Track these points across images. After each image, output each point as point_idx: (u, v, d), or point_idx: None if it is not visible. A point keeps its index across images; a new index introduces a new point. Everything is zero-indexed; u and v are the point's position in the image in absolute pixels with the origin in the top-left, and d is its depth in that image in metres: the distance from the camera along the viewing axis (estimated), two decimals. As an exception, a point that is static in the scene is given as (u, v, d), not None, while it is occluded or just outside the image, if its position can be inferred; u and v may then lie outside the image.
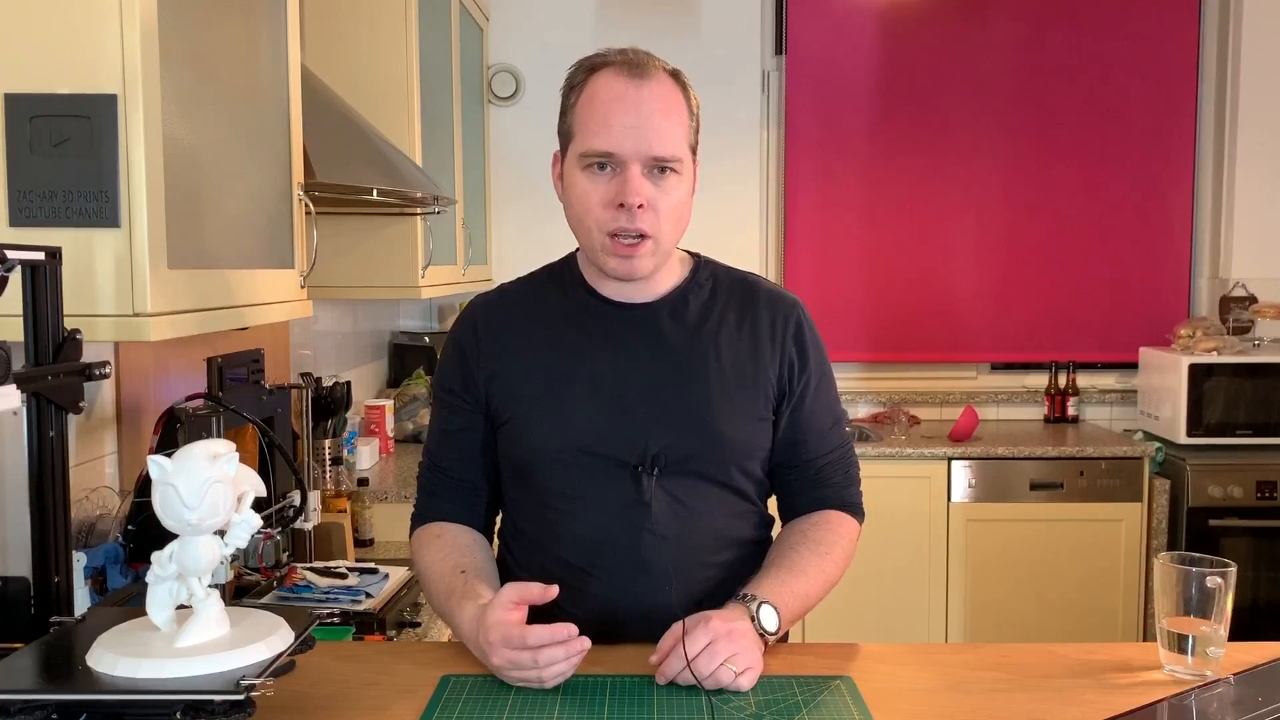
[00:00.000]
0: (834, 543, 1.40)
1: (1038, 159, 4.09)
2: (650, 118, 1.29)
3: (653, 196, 1.30)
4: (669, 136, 1.30)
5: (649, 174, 1.30)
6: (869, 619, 3.56)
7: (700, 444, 1.36)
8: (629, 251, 1.31)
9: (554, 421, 1.36)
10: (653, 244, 1.32)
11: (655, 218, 1.31)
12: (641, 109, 1.29)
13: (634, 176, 1.29)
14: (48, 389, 1.19)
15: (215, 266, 1.45)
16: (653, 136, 1.28)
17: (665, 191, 1.31)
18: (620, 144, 1.28)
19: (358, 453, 3.02)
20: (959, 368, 4.23)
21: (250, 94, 1.62)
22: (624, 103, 1.29)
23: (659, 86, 1.31)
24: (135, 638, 1.07)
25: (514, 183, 4.02)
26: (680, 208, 1.34)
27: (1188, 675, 1.22)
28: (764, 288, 1.46)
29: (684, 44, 3.98)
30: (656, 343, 1.38)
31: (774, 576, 1.33)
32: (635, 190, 1.28)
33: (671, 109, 1.31)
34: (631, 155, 1.29)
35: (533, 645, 1.16)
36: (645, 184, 1.30)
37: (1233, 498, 3.50)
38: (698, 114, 1.37)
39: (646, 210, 1.30)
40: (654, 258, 1.34)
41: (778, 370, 1.41)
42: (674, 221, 1.34)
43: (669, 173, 1.31)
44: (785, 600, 1.30)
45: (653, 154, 1.29)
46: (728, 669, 1.18)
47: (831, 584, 1.39)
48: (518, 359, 1.40)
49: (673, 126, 1.31)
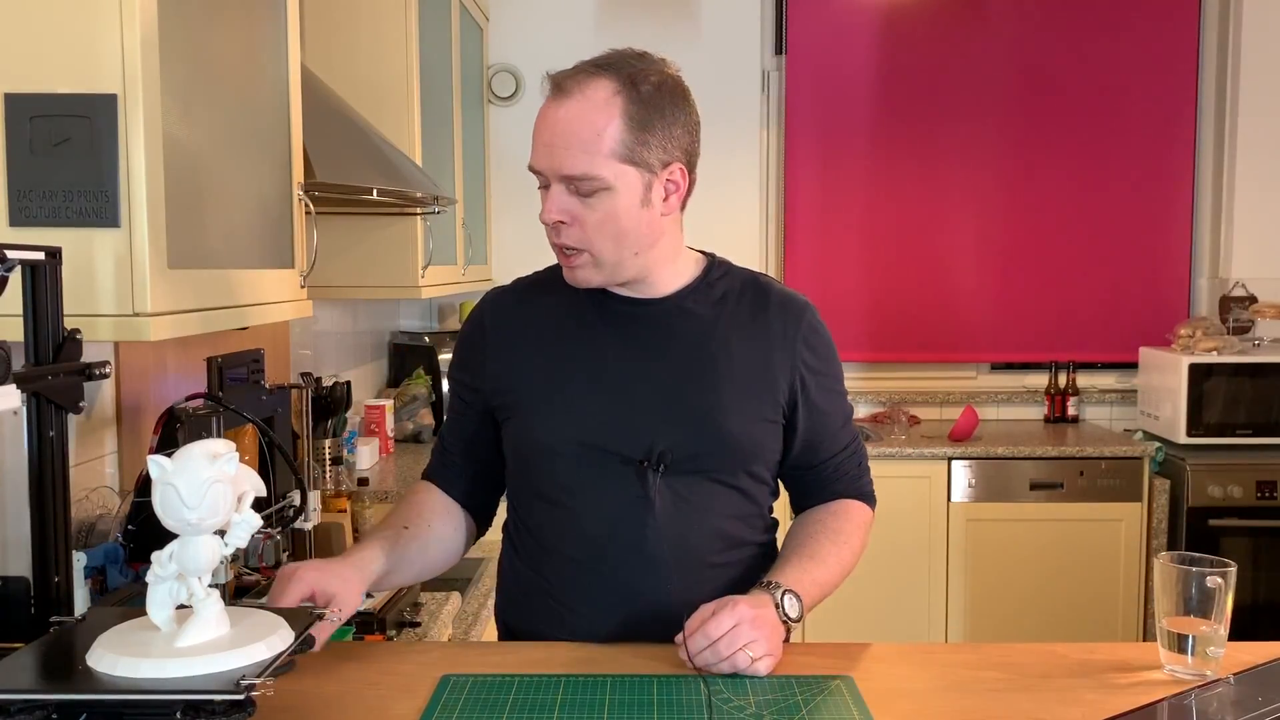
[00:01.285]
0: (851, 532, 1.43)
1: (1038, 159, 4.09)
2: (560, 137, 1.29)
3: (578, 213, 1.31)
4: (579, 155, 1.28)
5: (572, 191, 1.30)
6: (869, 619, 3.56)
7: (706, 443, 1.36)
8: (567, 263, 1.35)
9: (559, 416, 1.37)
10: (588, 257, 1.33)
11: (582, 233, 1.32)
12: (555, 128, 1.29)
13: (552, 195, 1.32)
14: (48, 389, 1.19)
15: (215, 266, 1.45)
16: (562, 156, 1.29)
17: (591, 208, 1.30)
18: (539, 163, 1.32)
19: (358, 453, 3.02)
20: (959, 368, 4.23)
21: (250, 94, 1.62)
22: (544, 122, 1.31)
23: (579, 104, 1.28)
24: (135, 638, 1.07)
25: (514, 183, 4.02)
26: (611, 222, 1.31)
27: (1188, 675, 1.22)
28: (775, 289, 1.46)
29: (684, 44, 3.98)
30: (665, 340, 1.39)
31: (795, 564, 1.35)
32: (546, 209, 1.32)
33: (587, 126, 1.28)
34: (550, 174, 1.31)
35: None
36: (567, 201, 1.31)
37: (1233, 497, 3.50)
38: (659, 121, 1.30)
39: (571, 226, 1.31)
40: (598, 270, 1.35)
41: (789, 373, 1.41)
42: (609, 236, 1.32)
43: (594, 191, 1.29)
44: (806, 588, 1.32)
45: (562, 173, 1.30)
46: (745, 654, 1.19)
47: (848, 572, 1.42)
48: (525, 352, 1.41)
49: (585, 144, 1.28)
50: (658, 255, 1.37)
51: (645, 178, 1.31)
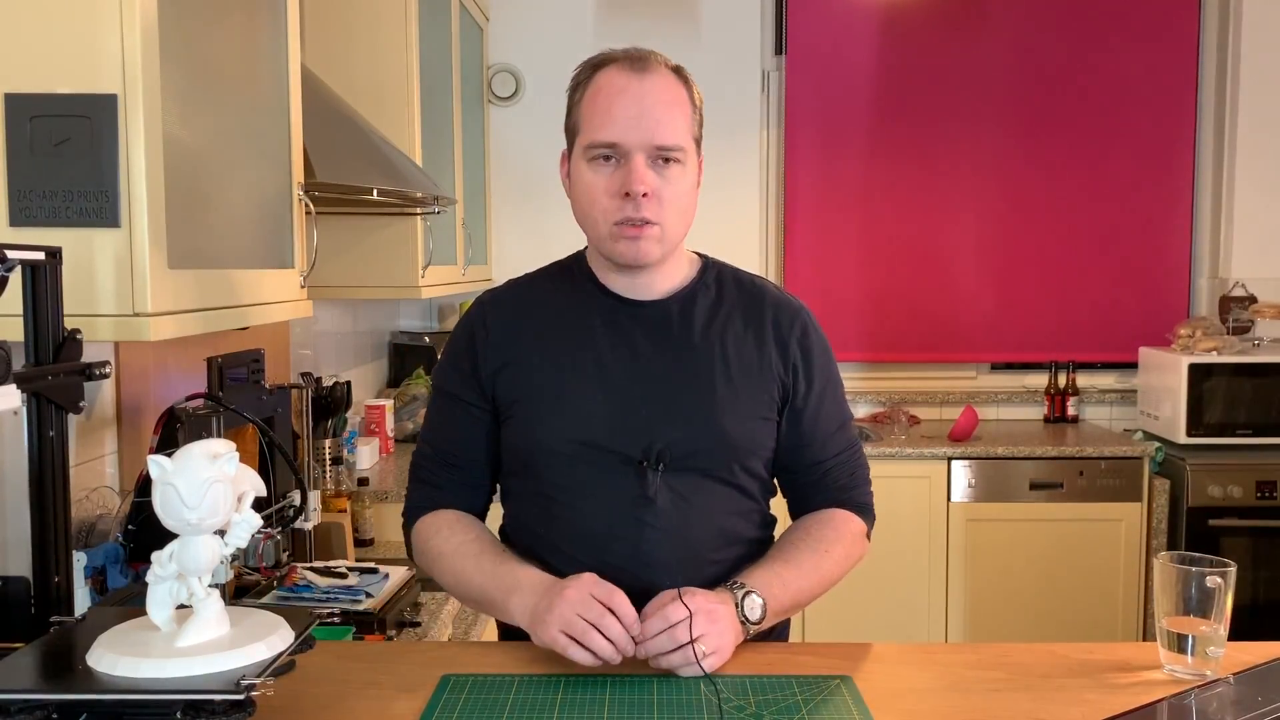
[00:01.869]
0: (834, 541, 1.41)
1: (1037, 159, 4.09)
2: (653, 109, 1.32)
3: (657, 185, 1.32)
4: (671, 126, 1.32)
5: (652, 164, 1.32)
6: (869, 619, 3.56)
7: (705, 441, 1.36)
8: (635, 233, 1.33)
9: (560, 415, 1.37)
10: (659, 231, 1.34)
11: (659, 206, 1.33)
12: (644, 100, 1.32)
13: (638, 166, 1.31)
14: (48, 389, 1.19)
15: (215, 266, 1.45)
16: (655, 126, 1.31)
17: (669, 181, 1.33)
18: (624, 134, 1.31)
19: (358, 452, 3.02)
20: (959, 368, 4.23)
21: (250, 94, 1.62)
22: (627, 95, 1.32)
23: (661, 79, 1.34)
24: (135, 638, 1.07)
25: (514, 183, 4.02)
26: (684, 198, 1.36)
27: (1188, 675, 1.22)
28: (771, 291, 1.48)
29: (684, 44, 3.97)
30: (664, 340, 1.39)
31: (767, 568, 1.35)
32: (640, 178, 1.31)
33: (674, 101, 1.34)
34: (635, 145, 1.31)
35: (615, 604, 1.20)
36: (649, 173, 1.32)
37: (1232, 497, 3.50)
38: (701, 109, 1.40)
39: (651, 199, 1.32)
40: (660, 245, 1.35)
41: (782, 373, 1.42)
42: (679, 211, 1.36)
43: (672, 163, 1.33)
44: (775, 592, 1.31)
45: (655, 143, 1.31)
46: (699, 646, 1.19)
47: (830, 582, 1.40)
48: (525, 352, 1.41)
49: (675, 118, 1.33)
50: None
51: (698, 157, 1.39)
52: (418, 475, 1.49)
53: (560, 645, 1.20)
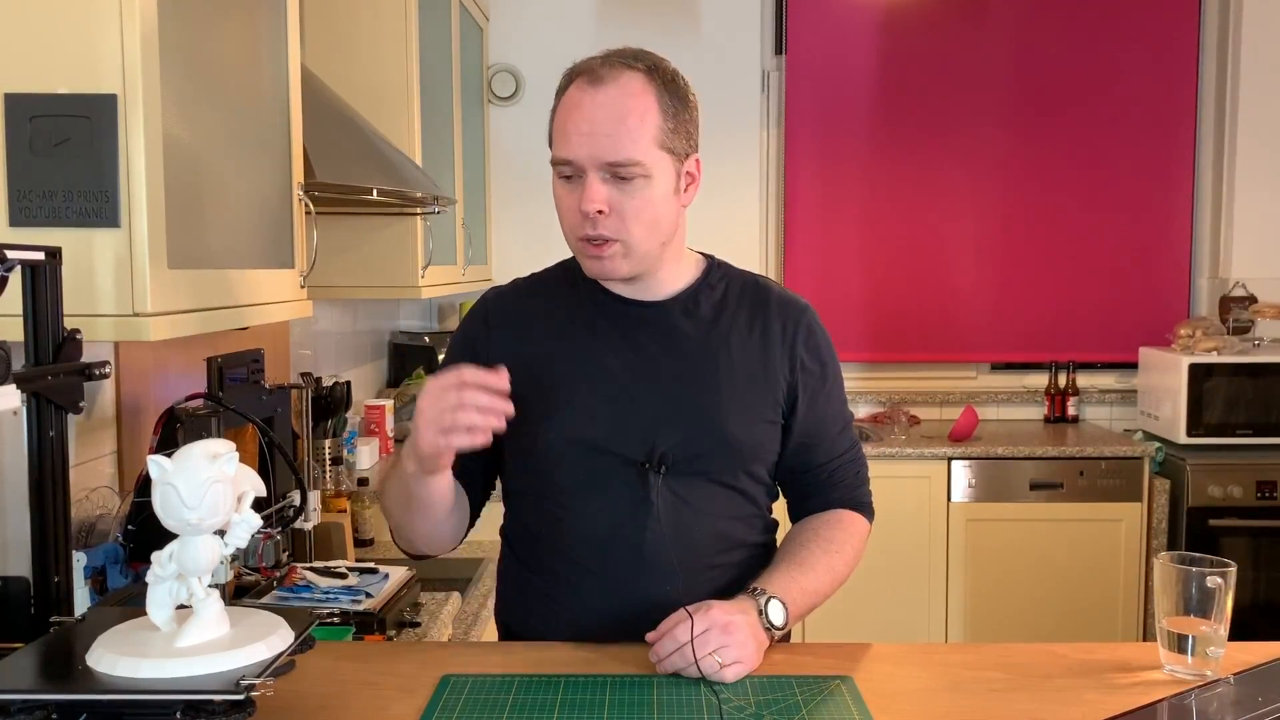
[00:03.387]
0: (844, 541, 1.41)
1: (1038, 159, 4.09)
2: (604, 124, 1.28)
3: (616, 201, 1.30)
4: (624, 141, 1.28)
5: (609, 180, 1.30)
6: (869, 619, 3.56)
7: (707, 444, 1.36)
8: (597, 253, 1.33)
9: (562, 416, 1.37)
10: (621, 247, 1.32)
11: (619, 222, 1.30)
12: (595, 116, 1.28)
13: (590, 184, 1.29)
14: (48, 389, 1.19)
15: (215, 266, 1.45)
16: (605, 143, 1.28)
17: (629, 195, 1.30)
18: (575, 151, 1.29)
19: (358, 453, 3.01)
20: (959, 368, 4.23)
21: (250, 94, 1.62)
22: (580, 111, 1.29)
23: (617, 90, 1.29)
24: (135, 638, 1.07)
25: (514, 183, 4.02)
26: (651, 209, 1.32)
27: (1188, 675, 1.22)
28: (775, 291, 1.47)
29: (684, 44, 3.97)
30: (667, 341, 1.39)
31: (784, 572, 1.35)
32: (589, 198, 1.29)
33: (630, 112, 1.29)
34: (586, 162, 1.29)
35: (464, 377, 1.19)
36: (604, 190, 1.29)
37: (1232, 497, 3.50)
38: (687, 111, 1.34)
39: (609, 216, 1.30)
40: (627, 260, 1.33)
41: (788, 374, 1.41)
42: (645, 224, 1.32)
43: (635, 177, 1.29)
44: (794, 596, 1.31)
45: (604, 160, 1.28)
46: (713, 659, 1.19)
47: (840, 582, 1.40)
48: (527, 352, 1.40)
49: (629, 130, 1.28)
50: (670, 250, 1.39)
51: (676, 166, 1.34)
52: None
53: (443, 443, 1.20)
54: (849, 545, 1.42)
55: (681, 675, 1.21)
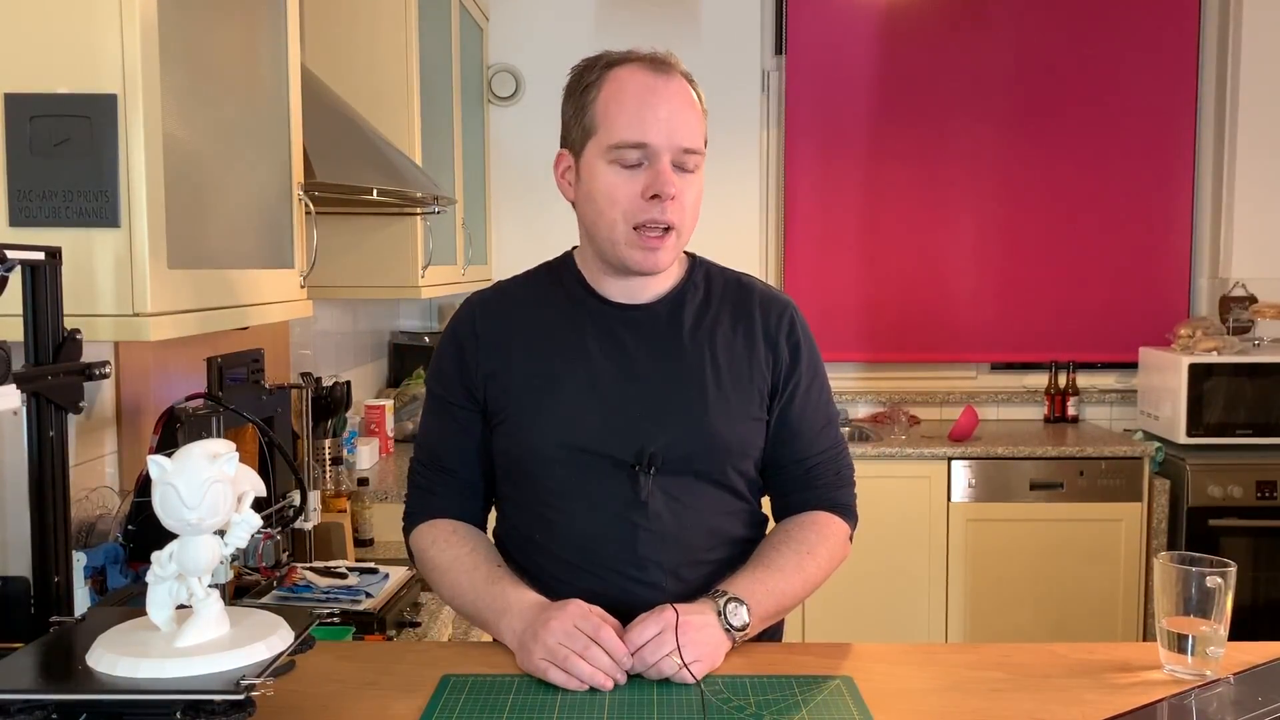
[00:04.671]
0: (817, 543, 1.40)
1: (1038, 159, 4.09)
2: (679, 111, 1.32)
3: (680, 189, 1.32)
4: (696, 129, 1.34)
5: (678, 167, 1.33)
6: (869, 619, 3.56)
7: (696, 443, 1.36)
8: (655, 244, 1.33)
9: (552, 420, 1.36)
10: (675, 236, 1.35)
11: (681, 210, 1.34)
12: (672, 102, 1.32)
13: (666, 169, 1.31)
14: (48, 389, 1.19)
15: (215, 266, 1.45)
16: (682, 129, 1.32)
17: (689, 185, 1.34)
18: (655, 135, 1.30)
19: (358, 453, 3.02)
20: (959, 368, 4.23)
21: (250, 94, 1.62)
22: (655, 95, 1.31)
23: (680, 83, 1.35)
24: (135, 638, 1.07)
25: (514, 183, 4.02)
26: (698, 201, 1.37)
27: (1188, 675, 1.22)
28: (758, 288, 1.47)
29: (684, 44, 3.97)
30: (654, 343, 1.39)
31: (750, 574, 1.34)
32: (670, 180, 1.31)
33: (693, 104, 1.35)
34: (664, 146, 1.31)
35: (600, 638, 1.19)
36: (674, 176, 1.32)
37: (1232, 498, 3.50)
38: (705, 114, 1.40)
39: (676, 202, 1.32)
40: (674, 251, 1.36)
41: (770, 369, 1.42)
42: (693, 214, 1.37)
43: (696, 168, 1.34)
44: (759, 598, 1.30)
45: (683, 145, 1.32)
46: (671, 660, 1.19)
47: (813, 584, 1.39)
48: (516, 357, 1.40)
49: (698, 119, 1.35)
50: None
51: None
52: (414, 481, 1.48)
53: (541, 671, 1.20)
54: (822, 547, 1.40)
55: (644, 677, 1.21)
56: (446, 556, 1.39)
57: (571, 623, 1.21)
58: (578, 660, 1.18)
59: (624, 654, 1.20)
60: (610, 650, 1.19)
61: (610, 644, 1.20)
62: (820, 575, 1.40)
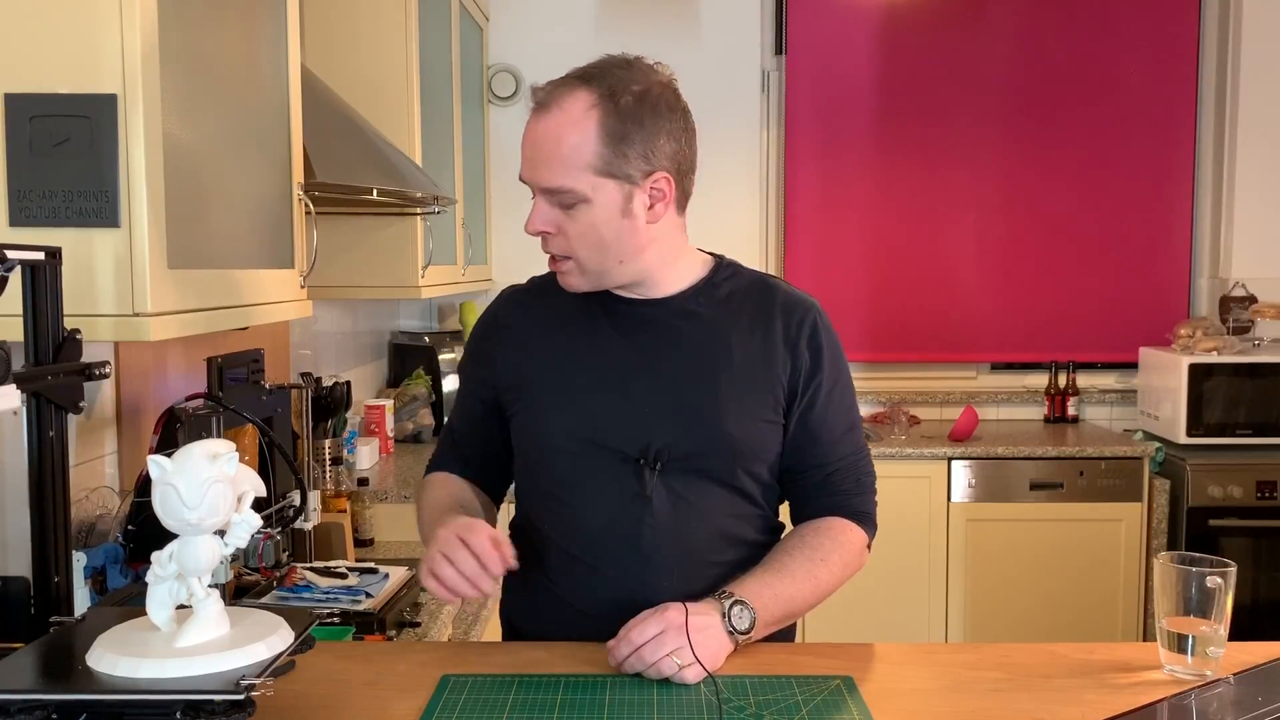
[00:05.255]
0: (831, 550, 1.39)
1: (1038, 159, 4.09)
2: (540, 150, 1.33)
3: (561, 223, 1.34)
4: (556, 169, 1.31)
5: (554, 203, 1.33)
6: (869, 619, 3.56)
7: (704, 442, 1.36)
8: (555, 268, 1.39)
9: (560, 412, 1.39)
10: (574, 264, 1.37)
11: (565, 242, 1.35)
12: (536, 142, 1.33)
13: (536, 206, 1.35)
14: (48, 389, 1.19)
15: (215, 266, 1.45)
16: (540, 169, 1.33)
17: (572, 219, 1.33)
18: (524, 175, 1.36)
19: (358, 453, 3.02)
20: (959, 368, 4.23)
21: (250, 94, 1.62)
22: (526, 136, 1.35)
23: (557, 117, 1.31)
24: (135, 638, 1.07)
25: (514, 183, 3.95)
26: (592, 233, 1.33)
27: (1188, 675, 1.22)
28: (782, 289, 1.46)
29: (684, 44, 3.97)
30: (667, 339, 1.40)
31: (759, 577, 1.34)
32: (531, 220, 1.36)
33: (564, 139, 1.30)
34: (533, 186, 1.35)
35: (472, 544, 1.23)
36: (550, 212, 1.34)
37: (1232, 498, 3.50)
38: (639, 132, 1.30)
39: (555, 236, 1.35)
40: (583, 276, 1.38)
41: (789, 373, 1.40)
42: (590, 246, 1.34)
43: (575, 203, 1.32)
44: (765, 602, 1.30)
45: (541, 186, 1.34)
46: (671, 660, 1.19)
47: (825, 591, 1.38)
48: (532, 349, 1.43)
49: (563, 158, 1.30)
50: (653, 260, 1.38)
51: (625, 189, 1.32)
52: (441, 443, 1.58)
53: (423, 579, 1.26)
54: (836, 554, 1.39)
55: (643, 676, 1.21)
56: (428, 495, 1.49)
57: (454, 532, 1.25)
58: (444, 564, 1.23)
59: (495, 560, 1.23)
60: (479, 553, 1.23)
61: (480, 547, 1.23)
62: (833, 583, 1.39)
